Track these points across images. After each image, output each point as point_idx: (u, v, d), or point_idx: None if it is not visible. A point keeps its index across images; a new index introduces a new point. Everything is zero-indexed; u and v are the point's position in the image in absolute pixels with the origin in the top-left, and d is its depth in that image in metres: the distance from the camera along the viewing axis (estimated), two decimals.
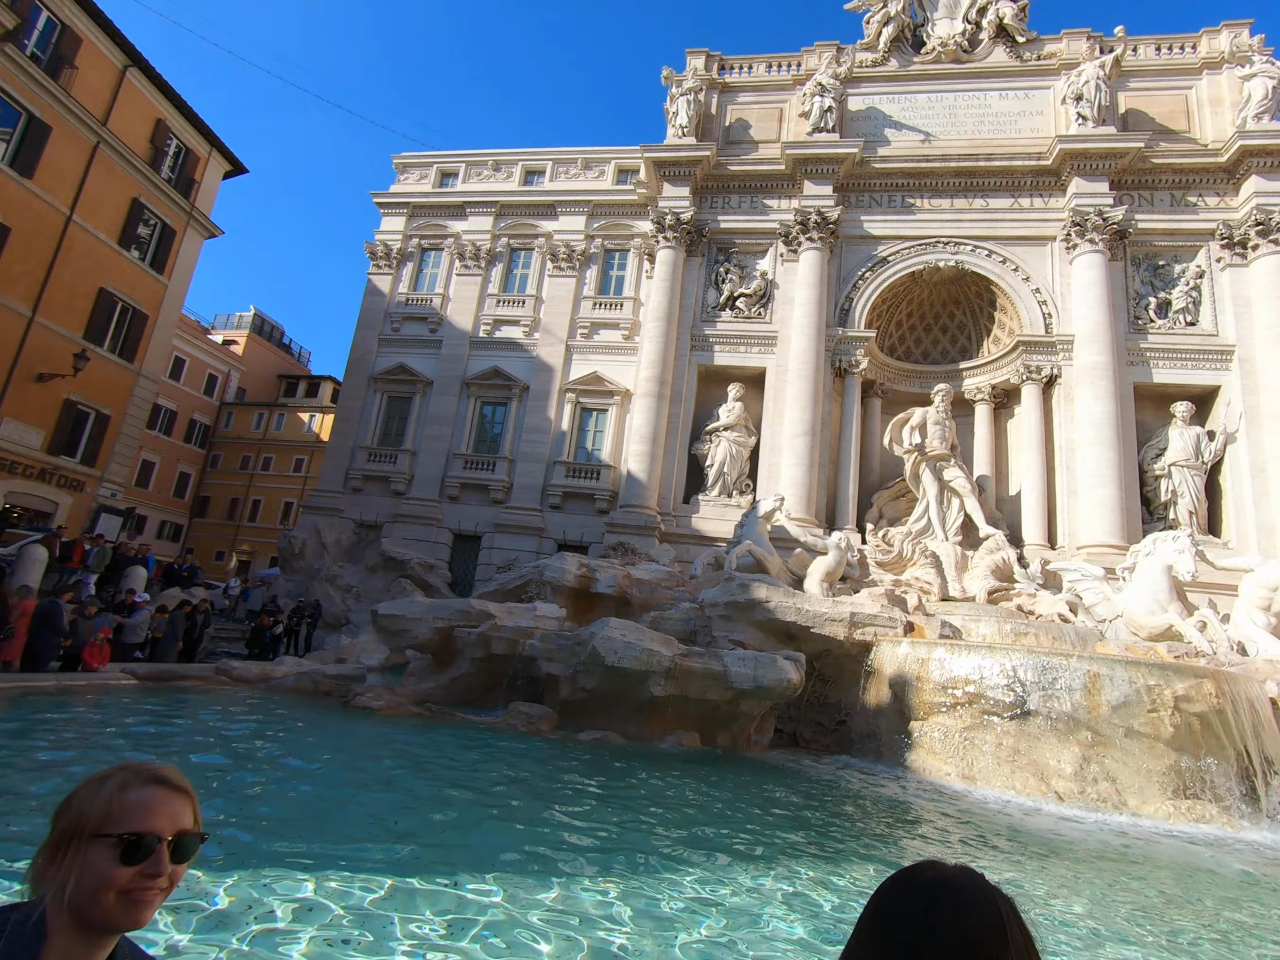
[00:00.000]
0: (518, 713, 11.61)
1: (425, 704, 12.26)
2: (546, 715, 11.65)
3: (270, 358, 56.99)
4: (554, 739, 10.87)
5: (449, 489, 26.53)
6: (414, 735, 10.12)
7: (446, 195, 30.69)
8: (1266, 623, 15.27)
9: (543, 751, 9.83)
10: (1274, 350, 21.09)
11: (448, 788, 7.18)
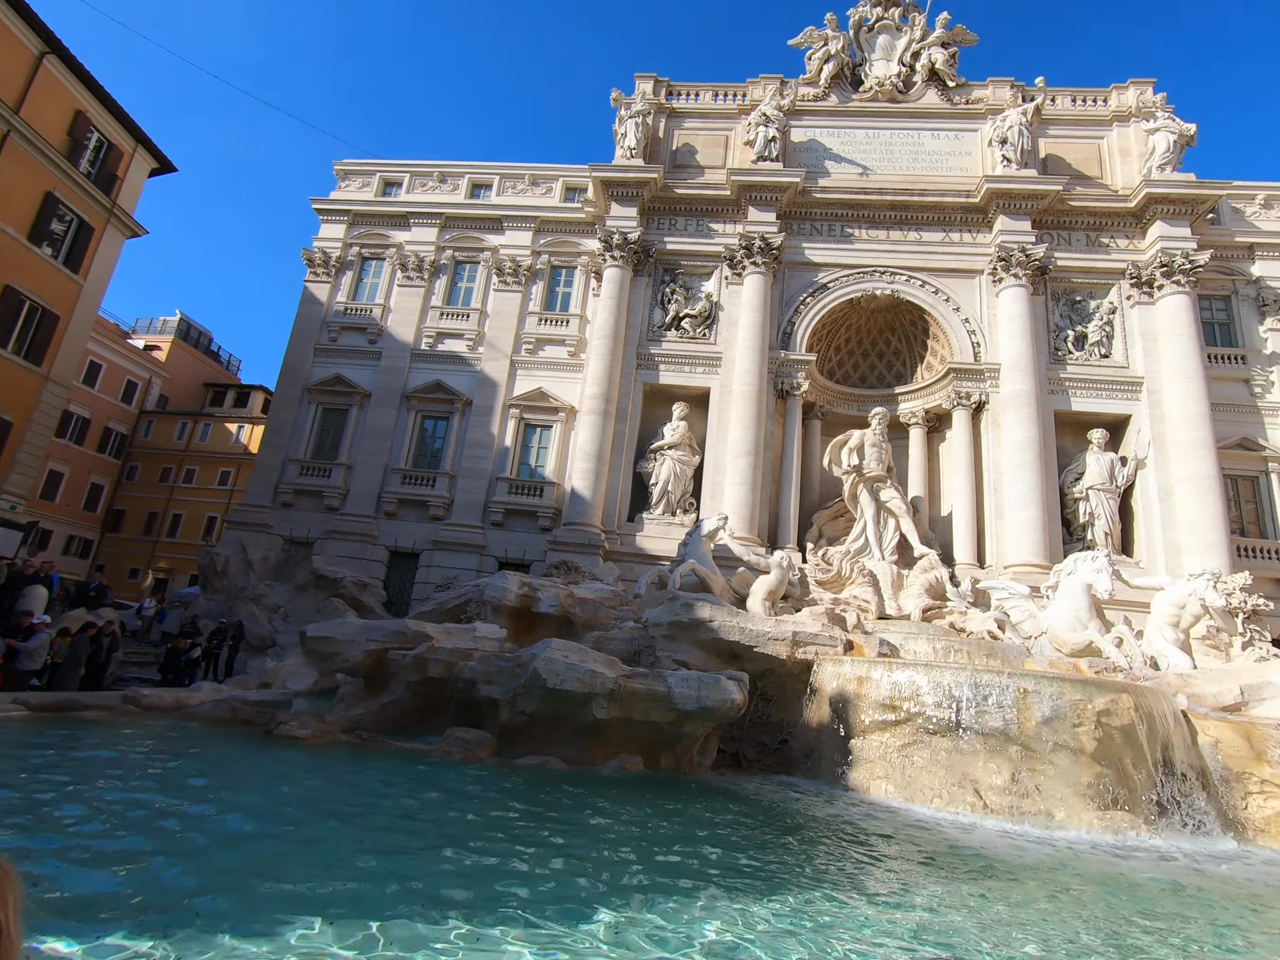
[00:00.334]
0: (454, 739, 11.16)
1: (356, 731, 11.66)
2: (484, 741, 11.23)
3: (196, 365, 54.34)
4: (492, 766, 10.48)
5: (386, 505, 25.69)
6: (341, 766, 9.58)
7: (390, 204, 30.07)
8: (1176, 638, 16.19)
9: (476, 780, 9.42)
10: (1178, 383, 22.65)
11: (363, 827, 6.72)
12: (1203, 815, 10.38)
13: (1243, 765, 10.92)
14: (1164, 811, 10.38)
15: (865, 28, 28.40)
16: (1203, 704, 12.36)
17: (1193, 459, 21.80)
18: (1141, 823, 10.04)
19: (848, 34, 28.34)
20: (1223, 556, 20.46)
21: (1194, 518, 21.21)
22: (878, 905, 5.79)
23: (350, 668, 13.06)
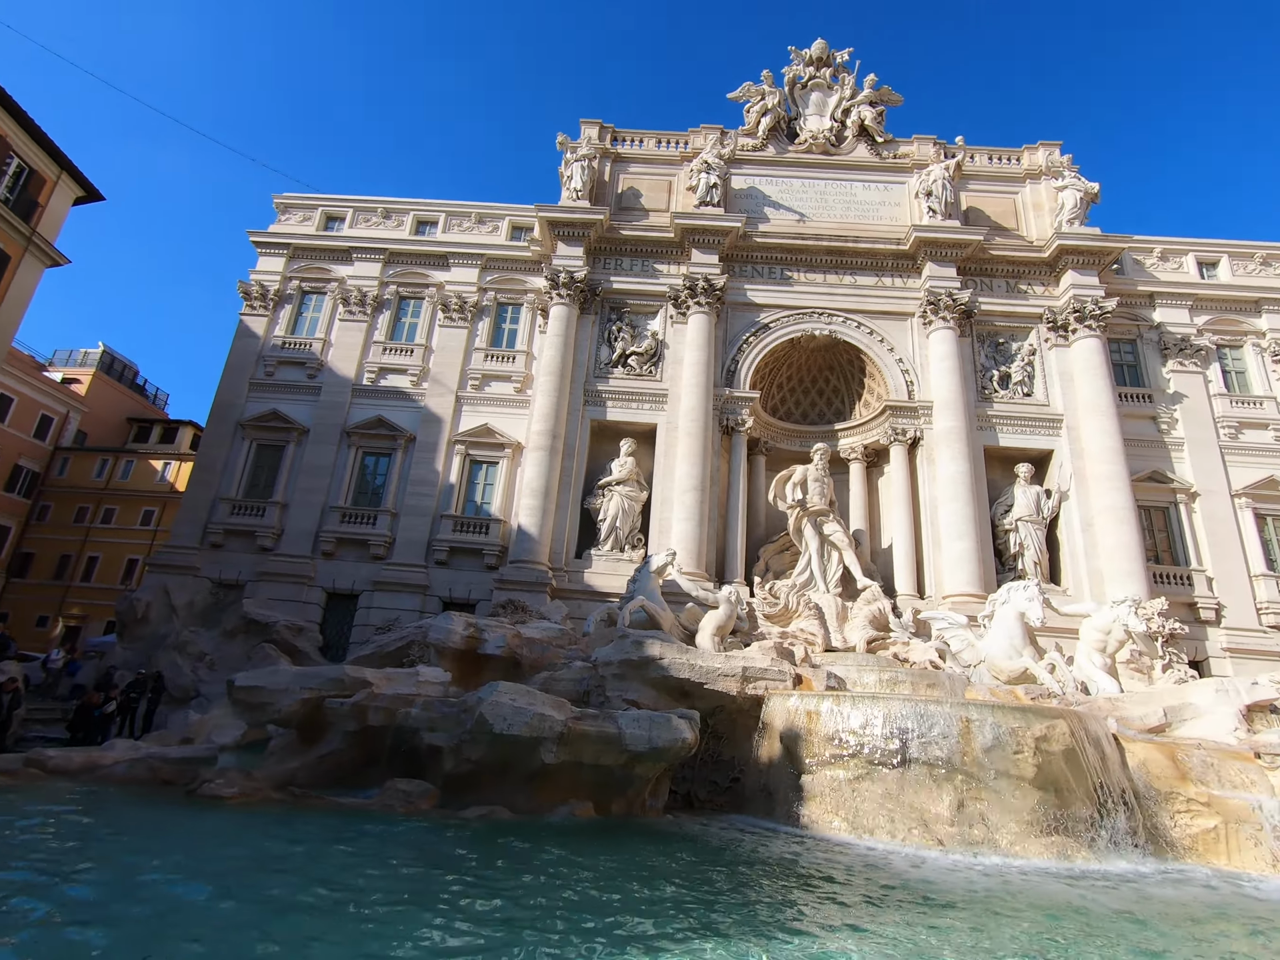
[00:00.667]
0: (395, 791, 10.65)
1: (288, 787, 10.99)
2: (427, 792, 10.76)
3: (120, 399, 51.71)
4: (435, 818, 10.01)
5: (324, 544, 24.75)
6: (268, 828, 8.96)
7: (332, 239, 29.68)
8: (1103, 663, 16.95)
9: (417, 836, 8.96)
10: (1093, 420, 24.14)
11: (292, 897, 6.10)
12: (1136, 836, 10.74)
13: (1169, 785, 11.39)
14: (1101, 834, 10.69)
15: (799, 85, 30.02)
16: (1130, 726, 12.92)
17: (1110, 491, 23.14)
18: (1082, 847, 10.32)
19: (783, 90, 29.88)
20: (1141, 583, 21.64)
21: (1114, 547, 22.41)
22: (828, 950, 5.74)
23: (283, 718, 12.37)
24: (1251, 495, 24.76)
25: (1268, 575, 23.66)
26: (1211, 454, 25.26)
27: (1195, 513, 24.65)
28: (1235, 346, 27.38)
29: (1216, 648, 22.58)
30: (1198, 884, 9.41)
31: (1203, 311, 27.55)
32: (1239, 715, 12.76)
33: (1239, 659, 22.14)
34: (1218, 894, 8.98)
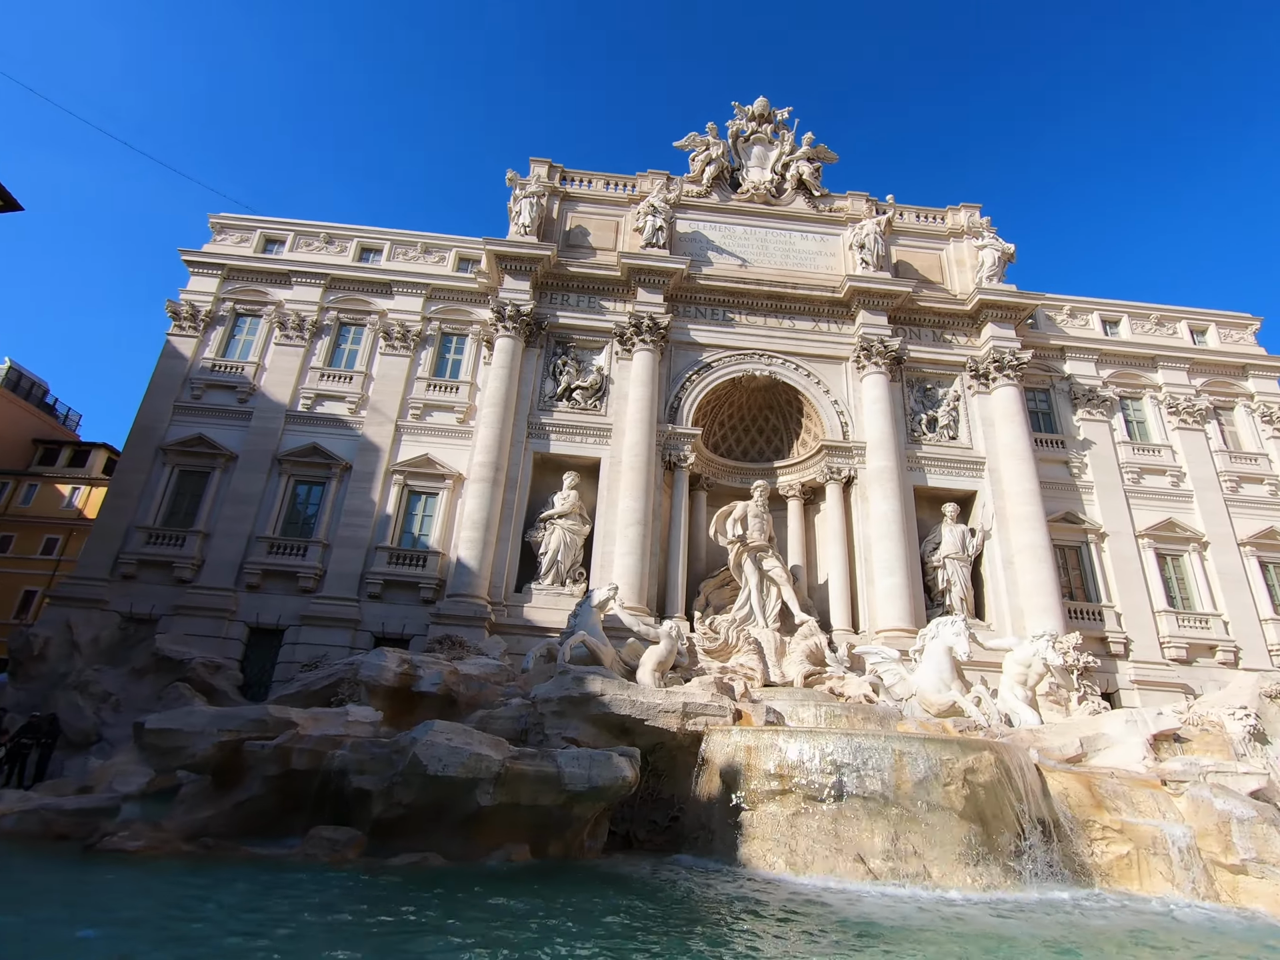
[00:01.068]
0: (319, 840, 10.07)
1: (201, 838, 10.25)
2: (354, 840, 10.22)
3: (24, 418, 48.30)
4: (361, 868, 9.51)
5: (249, 576, 23.56)
6: (178, 882, 8.32)
7: (271, 261, 28.97)
8: (1025, 695, 17.71)
9: (340, 887, 8.46)
10: (1012, 463, 25.61)
11: None
12: (1058, 865, 11.15)
13: (1086, 813, 11.90)
14: (1026, 863, 11.05)
15: (742, 138, 31.46)
16: (1050, 757, 13.50)
17: (1028, 530, 24.47)
18: (1009, 876, 10.64)
19: (727, 142, 31.24)
20: (1057, 619, 22.82)
21: (1033, 584, 23.62)
22: None
23: (197, 763, 11.59)
24: (1153, 536, 26.63)
25: (1168, 611, 25.36)
26: (1117, 497, 27.11)
27: (1104, 552, 26.31)
28: (1136, 398, 29.69)
29: (1126, 680, 23.92)
30: (1117, 910, 9.81)
31: (1107, 365, 29.84)
32: (1147, 744, 13.51)
33: (1146, 690, 23.51)
34: (1139, 919, 9.37)
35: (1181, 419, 28.94)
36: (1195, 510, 27.30)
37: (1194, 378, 30.00)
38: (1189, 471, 27.96)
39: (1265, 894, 10.21)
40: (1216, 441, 28.91)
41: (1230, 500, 27.63)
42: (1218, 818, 11.01)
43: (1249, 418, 29.70)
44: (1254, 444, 29.13)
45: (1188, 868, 10.88)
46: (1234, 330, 31.60)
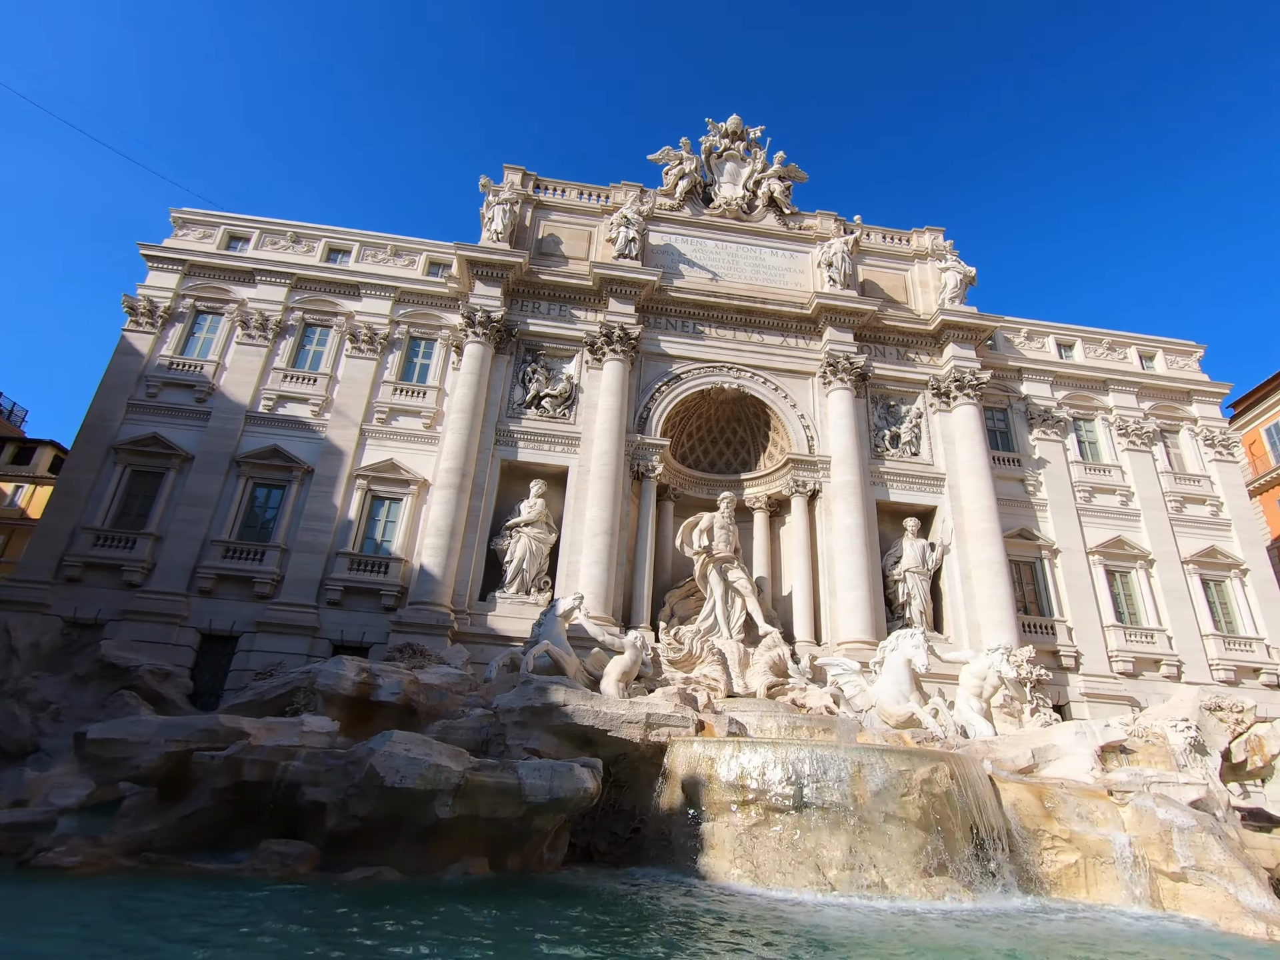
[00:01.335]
0: (269, 854, 9.77)
1: (144, 854, 9.86)
2: (307, 854, 9.94)
3: None
4: (313, 883, 9.25)
5: (202, 581, 22.87)
6: (117, 900, 7.94)
7: (235, 259, 28.36)
8: (980, 707, 18.10)
9: (290, 903, 8.20)
10: (971, 480, 26.28)
11: None
12: (1010, 874, 11.39)
13: (1037, 823, 12.19)
14: (979, 873, 11.26)
15: (715, 154, 31.89)
16: (1004, 768, 13.80)
17: (985, 546, 25.11)
18: (962, 886, 10.82)
19: (700, 157, 31.64)
20: (1012, 632, 23.41)
21: (989, 598, 24.22)
22: None
23: (143, 775, 11.17)
24: (1103, 553, 27.56)
25: (1117, 626, 26.24)
26: (1069, 515, 28.01)
27: (1057, 568, 27.13)
28: (1088, 420, 30.78)
29: (1076, 692, 24.64)
30: (1065, 919, 10.04)
31: (1062, 387, 30.89)
32: (1095, 756, 13.92)
33: (1095, 703, 24.25)
34: (1085, 927, 9.61)
35: (1130, 440, 30.07)
36: (1142, 529, 28.35)
37: (1142, 401, 31.23)
38: (1137, 491, 29.04)
39: (1203, 901, 10.56)
40: (1163, 463, 30.11)
41: (1175, 520, 28.76)
42: (1160, 827, 11.36)
43: (1193, 441, 31.01)
44: (1197, 466, 30.41)
45: (1132, 876, 11.21)
46: (1180, 357, 33.01)
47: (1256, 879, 10.73)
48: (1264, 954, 8.79)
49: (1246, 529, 29.19)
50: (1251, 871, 10.83)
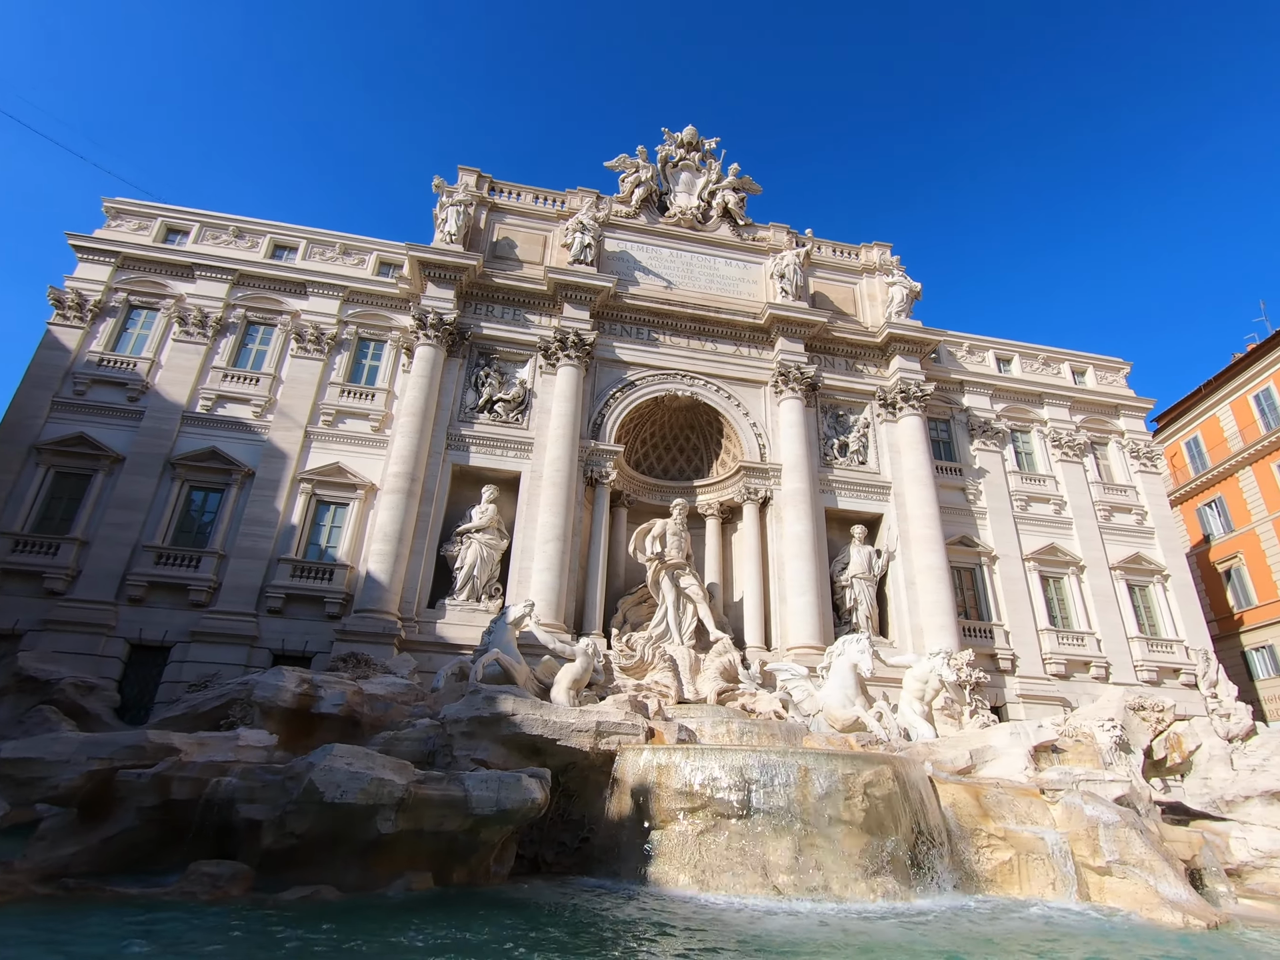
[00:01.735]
0: (198, 875, 9.33)
1: (60, 879, 9.30)
2: (240, 874, 9.54)
3: None
4: (246, 905, 8.88)
5: (132, 589, 21.82)
6: (26, 931, 7.46)
7: (173, 252, 27.25)
8: (922, 710, 18.62)
9: (220, 927, 7.85)
10: (916, 489, 27.09)
11: None
12: (949, 872, 11.73)
13: (974, 823, 12.59)
14: (920, 872, 11.57)
15: (671, 164, 32.20)
16: (944, 769, 14.21)
17: (929, 552, 25.90)
18: (903, 886, 11.09)
19: (656, 166, 31.89)
20: (953, 637, 24.19)
21: (932, 603, 24.98)
22: None
23: (62, 795, 10.56)
24: (1037, 559, 28.76)
25: (1050, 629, 27.39)
26: (1007, 522, 29.14)
27: (995, 574, 28.17)
28: (1025, 431, 32.11)
29: (1013, 694, 25.60)
30: (1001, 915, 10.38)
31: (1000, 400, 32.15)
32: (1028, 755, 14.46)
33: (1030, 704, 25.23)
34: (1023, 924, 9.94)
35: (1064, 452, 31.49)
36: (1074, 536, 29.68)
37: (1075, 414, 32.75)
38: (1069, 500, 30.41)
39: (1126, 893, 11.08)
40: (1093, 473, 31.61)
41: (1104, 528, 30.21)
42: (1087, 823, 11.88)
43: (1120, 453, 32.66)
44: (1124, 477, 32.03)
45: (1062, 871, 11.68)
46: (1109, 373, 34.76)
47: (1174, 870, 11.31)
48: (1182, 942, 9.25)
49: (1168, 537, 30.86)
50: (1170, 864, 11.42)
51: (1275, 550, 35.87)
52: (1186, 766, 17.75)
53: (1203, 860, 12.80)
